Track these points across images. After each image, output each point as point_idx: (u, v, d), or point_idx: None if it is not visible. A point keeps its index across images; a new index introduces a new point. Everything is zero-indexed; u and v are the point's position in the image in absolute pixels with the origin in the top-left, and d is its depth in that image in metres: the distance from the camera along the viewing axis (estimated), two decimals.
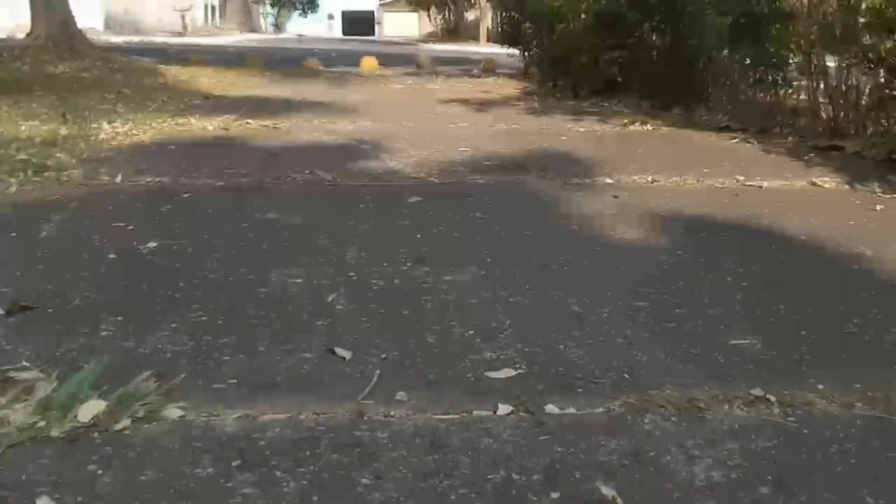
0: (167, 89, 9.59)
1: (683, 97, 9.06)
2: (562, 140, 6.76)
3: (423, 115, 8.11)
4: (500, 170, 5.37)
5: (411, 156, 5.77)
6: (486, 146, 6.29)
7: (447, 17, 35.62)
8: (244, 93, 9.80)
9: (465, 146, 6.25)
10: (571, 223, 4.04)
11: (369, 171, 5.18)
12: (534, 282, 3.10)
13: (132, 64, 11.73)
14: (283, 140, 6.32)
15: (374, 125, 7.30)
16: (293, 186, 4.68)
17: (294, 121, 7.42)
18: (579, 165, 5.62)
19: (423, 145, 6.24)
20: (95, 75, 10.36)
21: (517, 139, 6.70)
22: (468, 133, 6.99)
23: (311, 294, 2.90)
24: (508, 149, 6.21)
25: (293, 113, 7.97)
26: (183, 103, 8.46)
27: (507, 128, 7.44)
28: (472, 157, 5.82)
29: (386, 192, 4.62)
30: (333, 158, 5.61)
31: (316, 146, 6.10)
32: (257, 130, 6.83)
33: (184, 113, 7.65)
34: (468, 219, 4.06)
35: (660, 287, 3.10)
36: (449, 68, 15.90)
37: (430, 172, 5.20)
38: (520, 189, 4.80)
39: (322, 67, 14.79)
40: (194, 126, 6.94)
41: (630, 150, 6.35)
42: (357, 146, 6.13)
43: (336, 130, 6.92)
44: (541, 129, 7.44)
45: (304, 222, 3.89)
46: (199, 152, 5.71)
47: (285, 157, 5.62)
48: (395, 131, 6.95)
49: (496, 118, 8.11)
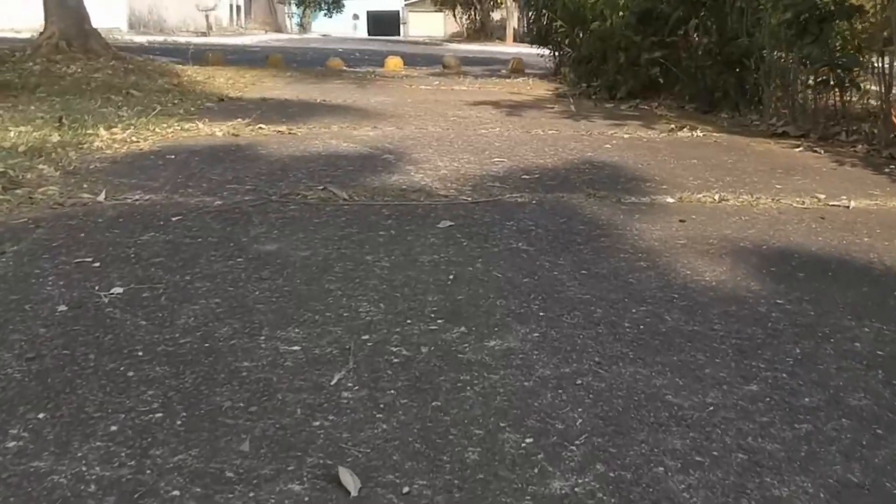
0: (180, 91, 8.85)
1: (732, 100, 8.21)
2: (606, 149, 5.94)
3: (451, 120, 7.32)
4: (542, 186, 4.57)
5: (439, 168, 4.98)
6: (523, 156, 5.50)
7: (473, 16, 34.72)
8: (262, 94, 9.05)
9: (498, 156, 5.46)
10: (636, 258, 3.23)
11: (391, 187, 4.40)
12: (605, 351, 2.30)
13: (148, 64, 11.00)
14: (297, 148, 5.55)
15: (398, 131, 6.52)
16: (302, 207, 3.90)
17: (311, 126, 6.65)
18: (631, 180, 4.80)
19: (451, 155, 5.45)
20: (107, 76, 9.64)
21: (556, 147, 5.90)
22: (501, 140, 6.20)
23: (310, 371, 2.11)
24: (548, 159, 5.41)
25: (311, 117, 7.21)
26: (194, 106, 7.71)
27: (543, 134, 6.63)
28: (507, 169, 5.02)
29: (411, 214, 3.83)
30: (351, 171, 4.83)
31: (333, 155, 5.32)
32: (270, 137, 6.07)
33: (193, 117, 6.91)
34: (510, 252, 3.26)
35: (770, 358, 2.29)
36: (476, 68, 15.11)
37: (461, 189, 4.42)
38: (568, 211, 3.99)
39: (346, 67, 14.04)
40: (202, 132, 6.19)
41: (685, 160, 5.52)
42: (378, 156, 5.35)
43: (356, 137, 6.14)
44: (580, 135, 6.63)
45: (310, 257, 3.10)
46: (202, 163, 4.95)
47: (297, 168, 4.84)
48: (420, 138, 6.17)
49: (530, 123, 7.30)
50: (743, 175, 5.03)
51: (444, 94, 9.80)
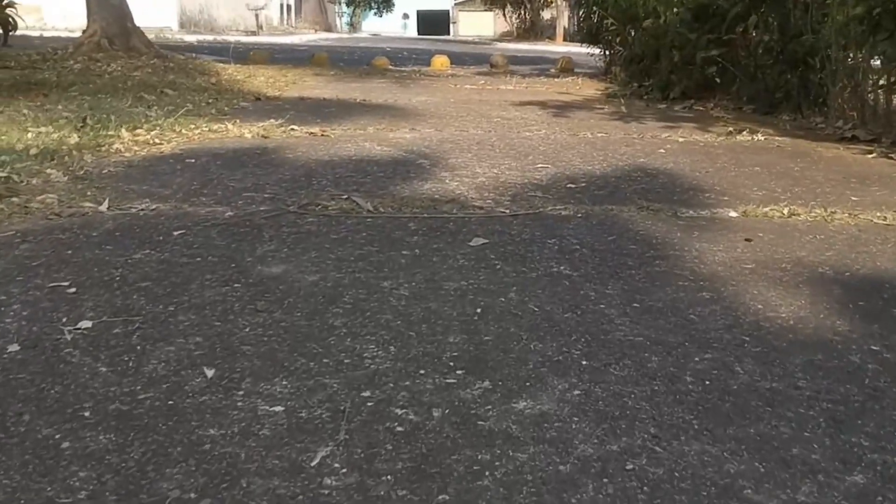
0: (217, 89, 8.50)
1: (794, 101, 7.60)
2: (660, 154, 5.41)
3: (495, 121, 6.84)
4: (589, 196, 4.07)
5: (477, 174, 4.51)
6: (569, 161, 5.00)
7: (523, 15, 34.08)
8: (300, 93, 8.66)
9: (542, 161, 4.97)
10: (697, 287, 2.73)
11: (423, 196, 3.94)
12: (662, 418, 1.81)
13: (189, 63, 10.70)
14: (327, 152, 5.12)
15: (437, 133, 6.06)
16: (320, 220, 3.46)
17: (346, 127, 6.22)
18: (689, 190, 4.28)
19: (492, 159, 4.97)
20: (146, 75, 9.34)
21: (605, 152, 5.38)
22: (546, 143, 5.70)
23: (289, 444, 1.66)
24: (596, 165, 4.91)
25: (347, 117, 6.79)
26: (228, 105, 7.35)
27: (591, 137, 6.12)
28: (552, 176, 4.53)
29: (441, 229, 3.37)
30: (382, 177, 4.38)
31: (364, 160, 4.88)
32: (301, 139, 5.66)
33: (225, 117, 6.53)
34: (550, 277, 2.78)
35: (874, 433, 1.77)
36: (524, 68, 14.60)
37: (499, 199, 3.94)
38: (618, 226, 3.49)
39: (391, 66, 13.62)
40: (230, 133, 5.80)
41: (747, 167, 4.97)
42: (413, 161, 4.90)
43: (392, 140, 5.70)
44: (631, 138, 6.10)
45: (318, 282, 2.66)
46: (222, 168, 4.54)
47: (323, 174, 4.41)
48: (460, 140, 5.70)
49: (578, 125, 6.79)
50: (813, 185, 4.48)
51: (488, 94, 9.32)
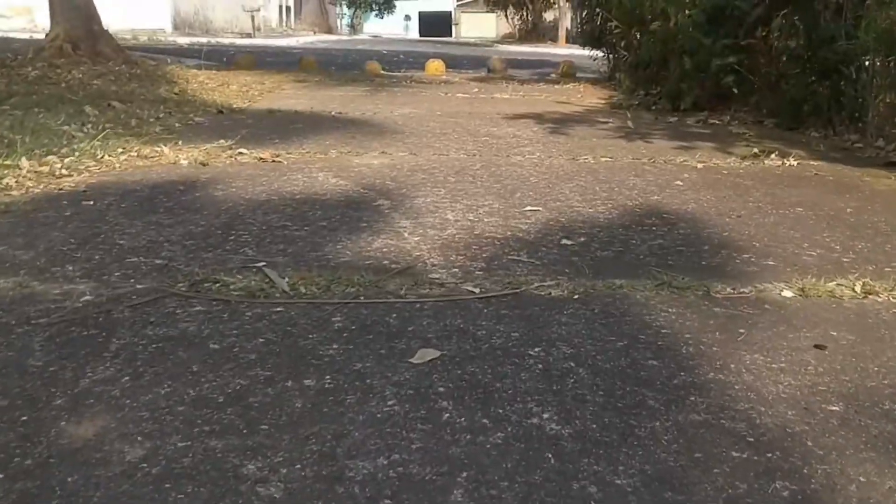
0: (178, 100, 7.41)
1: (825, 115, 6.48)
2: (677, 188, 4.31)
3: (482, 141, 5.74)
4: (590, 260, 2.97)
5: (447, 223, 3.42)
6: (566, 201, 3.90)
7: (525, 17, 32.84)
8: (272, 104, 7.57)
9: (533, 201, 3.87)
10: (765, 469, 1.64)
11: (366, 265, 2.85)
12: None
13: (159, 69, 9.61)
14: (269, 187, 4.04)
15: (411, 158, 4.97)
16: (210, 311, 2.37)
17: (305, 150, 5.13)
18: (720, 247, 3.18)
19: (470, 198, 3.88)
20: (106, 83, 8.24)
21: (611, 186, 4.29)
22: (539, 173, 4.60)
23: None
24: (600, 206, 3.81)
25: (312, 136, 5.69)
26: (181, 121, 6.26)
27: (593, 162, 5.02)
28: (543, 225, 3.44)
29: (376, 327, 2.28)
30: (322, 229, 3.29)
31: (309, 201, 3.79)
32: (244, 167, 4.57)
33: (169, 137, 5.44)
34: (526, 445, 1.69)
35: None
36: (523, 72, 13.49)
37: (469, 267, 2.85)
38: (629, 320, 2.39)
39: (383, 71, 12.52)
40: (163, 159, 4.71)
41: (786, 207, 3.87)
42: (370, 201, 3.81)
43: (354, 168, 4.60)
44: (641, 164, 5.00)
45: (138, 465, 1.58)
46: (125, 214, 3.46)
47: (249, 224, 3.33)
48: (436, 169, 4.61)
49: (578, 145, 5.69)
50: (877, 237, 3.37)
51: (481, 105, 8.21)
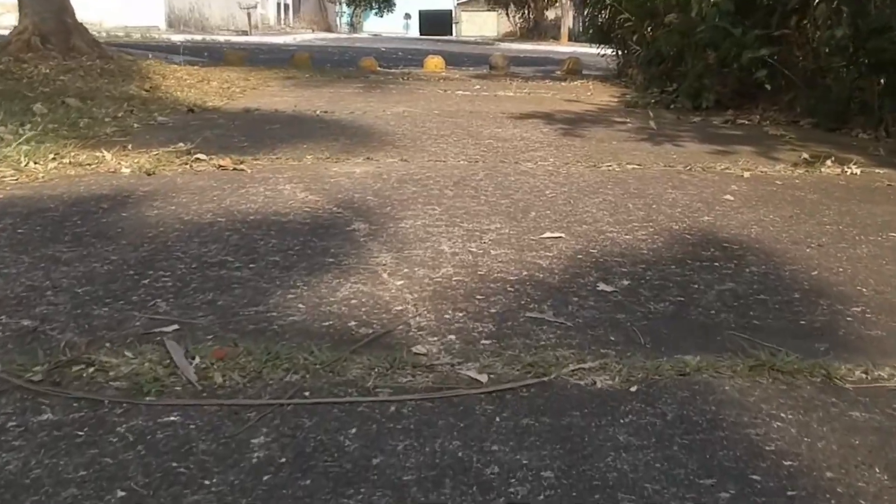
0: (145, 98, 6.50)
1: (875, 115, 5.57)
2: (728, 204, 3.40)
3: (485, 144, 4.84)
4: (641, 316, 2.06)
5: (440, 258, 2.51)
6: (594, 223, 2.99)
7: (526, 15, 31.83)
8: (251, 102, 6.66)
9: (551, 223, 2.97)
10: None
11: (321, 326, 1.93)
12: None
13: (135, 65, 8.69)
14: (218, 205, 3.13)
15: (402, 165, 4.07)
16: (60, 418, 1.47)
17: (276, 155, 4.23)
18: (815, 294, 2.26)
19: (471, 220, 2.98)
20: (72, 80, 7.33)
21: (646, 202, 3.38)
22: (556, 184, 3.70)
23: None
24: (639, 232, 2.90)
25: (288, 139, 4.79)
26: (141, 121, 5.35)
27: (618, 170, 4.11)
28: (568, 261, 2.53)
29: (317, 459, 1.38)
30: (272, 268, 2.38)
31: (265, 223, 2.89)
32: (197, 177, 3.67)
33: (118, 139, 4.54)
34: None
35: None
36: (527, 69, 12.57)
37: (470, 331, 1.94)
38: (725, 438, 1.47)
39: (379, 68, 11.59)
40: (102, 166, 3.81)
41: (878, 234, 2.95)
42: (343, 225, 2.90)
43: (330, 179, 3.70)
44: (676, 173, 4.09)
45: None
46: (17, 242, 2.55)
47: (177, 259, 2.42)
48: (431, 180, 3.71)
49: (597, 149, 4.78)
50: None
51: (483, 103, 7.30)
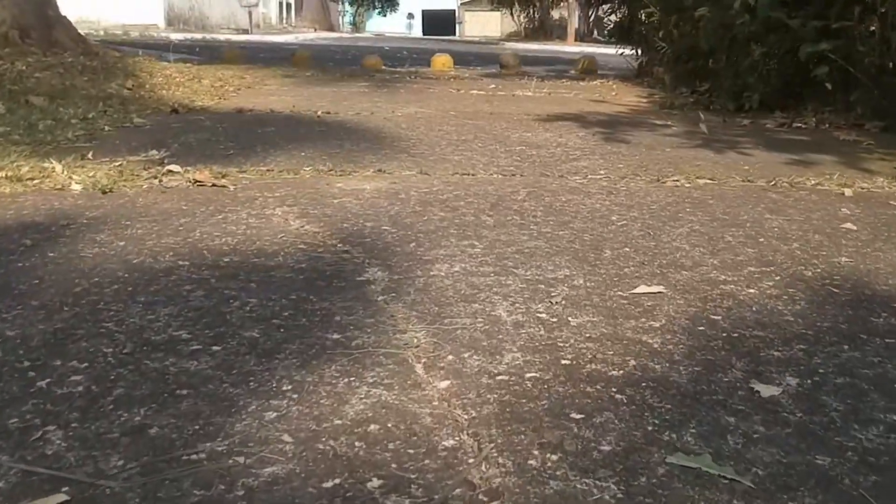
0: (125, 97, 5.64)
1: None
2: (853, 237, 2.53)
3: (517, 151, 3.98)
4: (856, 461, 1.21)
5: (499, 332, 1.64)
6: (695, 268, 2.12)
7: (532, 15, 30.87)
8: (243, 102, 5.80)
9: (638, 267, 2.09)
10: None
11: (321, 493, 1.12)
12: None
13: (121, 62, 7.84)
14: (182, 239, 2.28)
15: (422, 180, 3.21)
16: None
17: (267, 166, 3.37)
18: None
19: (526, 261, 2.10)
20: (49, 77, 6.47)
21: (747, 233, 2.50)
22: (620, 207, 2.84)
23: None
24: (763, 282, 2.01)
25: (284, 144, 3.94)
26: (114, 124, 4.49)
27: (690, 187, 3.25)
28: (688, 339, 1.65)
29: None
30: (241, 352, 1.51)
31: (241, 271, 2.03)
32: (164, 197, 2.81)
33: (80, 146, 3.69)
34: None
35: None
36: (538, 69, 11.70)
37: (580, 496, 1.12)
38: None
39: (384, 67, 10.75)
40: (48, 182, 2.96)
41: None
42: (351, 273, 2.04)
43: (332, 199, 2.85)
44: (760, 189, 3.23)
45: None
46: None
47: (94, 335, 1.58)
48: (460, 199, 2.85)
49: (650, 158, 3.92)
50: None
51: (502, 103, 6.44)
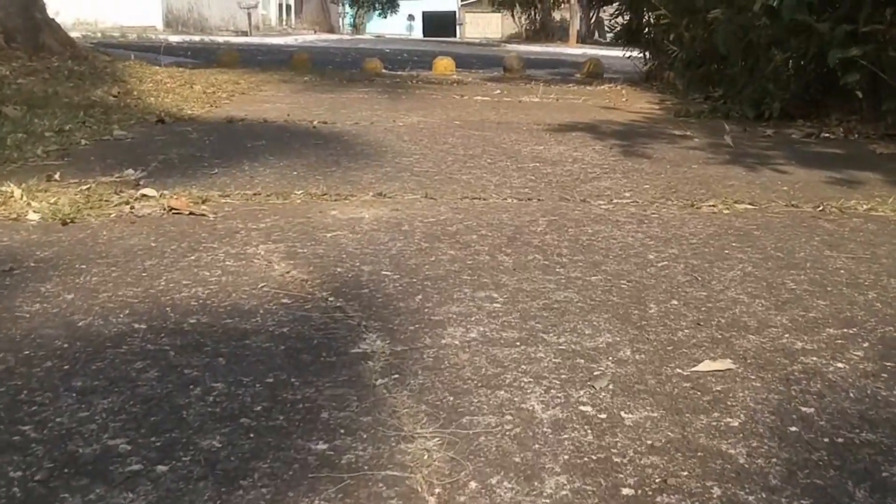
0: (109, 105, 5.20)
1: None
2: None
3: (530, 168, 3.57)
4: None
5: (534, 440, 1.21)
6: (767, 333, 1.68)
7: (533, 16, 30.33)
8: (235, 111, 5.39)
9: (696, 333, 1.67)
10: None
11: None
12: None
13: (108, 67, 7.39)
14: (142, 291, 1.87)
15: (427, 205, 2.80)
16: None
17: (253, 189, 2.96)
18: None
19: (559, 327, 1.69)
20: (33, 82, 6.05)
21: (812, 278, 2.07)
22: (656, 242, 2.42)
23: None
24: (851, 353, 1.58)
25: (275, 161, 3.53)
26: (92, 136, 4.07)
27: (730, 214, 2.83)
28: (779, 449, 1.22)
29: None
30: (196, 487, 1.15)
31: (207, 339, 1.61)
32: (132, 231, 2.40)
33: (48, 164, 3.28)
34: None
35: None
36: (542, 72, 11.29)
37: None
38: None
39: (385, 70, 10.33)
40: (3, 209, 2.56)
41: None
42: (343, 340, 1.62)
43: (325, 233, 2.43)
44: (810, 217, 2.82)
45: None
46: None
47: (15, 449, 1.19)
48: (472, 233, 2.44)
49: (677, 177, 3.50)
50: None
51: (509, 111, 6.03)
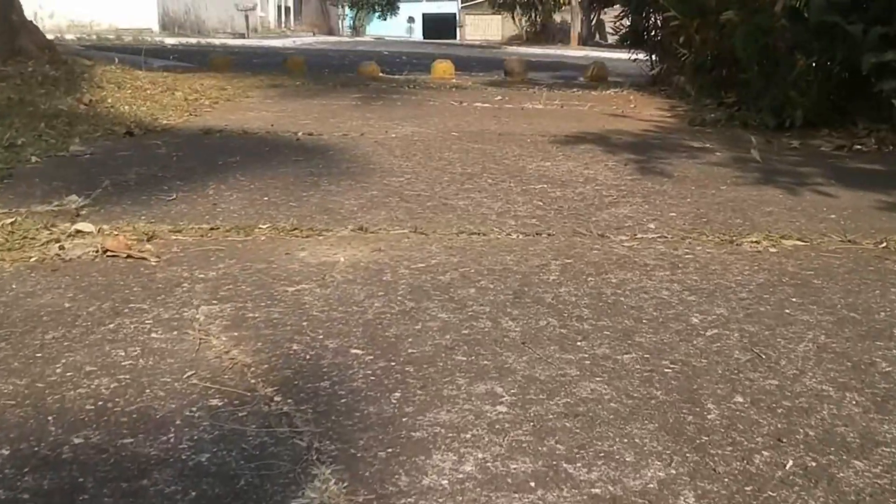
0: (77, 115, 4.67)
1: None
2: None
3: (537, 190, 3.06)
4: None
5: None
6: (872, 461, 1.24)
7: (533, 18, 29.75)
8: (215, 120, 4.87)
9: (780, 463, 1.19)
10: None
11: None
12: None
13: (86, 72, 6.89)
14: (21, 385, 1.35)
15: (416, 242, 2.29)
16: None
17: (212, 222, 2.45)
18: None
19: (587, 448, 1.16)
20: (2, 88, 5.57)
21: None
22: (698, 295, 1.90)
23: None
24: None
25: (245, 183, 3.01)
26: (45, 152, 3.55)
27: (778, 254, 2.33)
28: None
29: None
30: None
31: (92, 474, 1.11)
32: (46, 285, 1.89)
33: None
34: None
35: None
36: (544, 75, 10.77)
37: None
38: None
39: (381, 74, 9.81)
40: None
41: None
42: (265, 469, 1.12)
43: (288, 290, 1.92)
44: (875, 259, 2.30)
45: None
46: None
47: None
48: (471, 291, 1.92)
49: (704, 201, 2.99)
50: None
51: (511, 120, 5.51)
